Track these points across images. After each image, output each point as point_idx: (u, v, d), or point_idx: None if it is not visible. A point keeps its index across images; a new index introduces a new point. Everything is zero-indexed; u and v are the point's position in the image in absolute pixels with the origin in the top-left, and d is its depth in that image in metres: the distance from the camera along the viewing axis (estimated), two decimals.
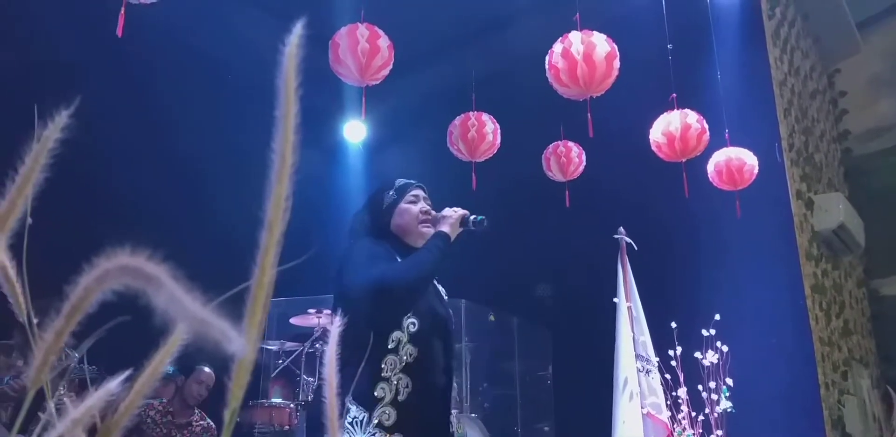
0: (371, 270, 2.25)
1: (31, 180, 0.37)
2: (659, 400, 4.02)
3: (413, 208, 2.53)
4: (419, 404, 2.24)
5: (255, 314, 0.37)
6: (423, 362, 2.29)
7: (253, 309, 0.37)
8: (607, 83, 3.72)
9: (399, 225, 2.52)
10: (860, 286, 8.04)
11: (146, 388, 0.43)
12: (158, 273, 0.35)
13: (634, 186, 5.83)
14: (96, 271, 0.35)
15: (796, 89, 7.03)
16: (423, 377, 2.28)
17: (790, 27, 7.17)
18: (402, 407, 2.20)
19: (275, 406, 5.25)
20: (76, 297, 0.36)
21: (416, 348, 2.28)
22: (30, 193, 0.38)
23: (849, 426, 5.95)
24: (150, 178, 5.45)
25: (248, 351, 0.35)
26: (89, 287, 0.35)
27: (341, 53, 3.88)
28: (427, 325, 2.34)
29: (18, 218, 0.40)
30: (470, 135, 4.96)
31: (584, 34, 3.73)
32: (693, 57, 5.67)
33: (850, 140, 8.73)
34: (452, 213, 2.50)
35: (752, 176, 5.04)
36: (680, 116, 4.68)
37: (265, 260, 0.36)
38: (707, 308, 4.23)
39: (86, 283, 0.36)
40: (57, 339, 0.38)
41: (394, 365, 2.25)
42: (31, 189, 0.38)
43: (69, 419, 0.40)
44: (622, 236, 4.25)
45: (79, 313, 0.37)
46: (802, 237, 6.09)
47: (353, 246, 2.45)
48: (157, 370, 0.44)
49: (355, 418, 2.17)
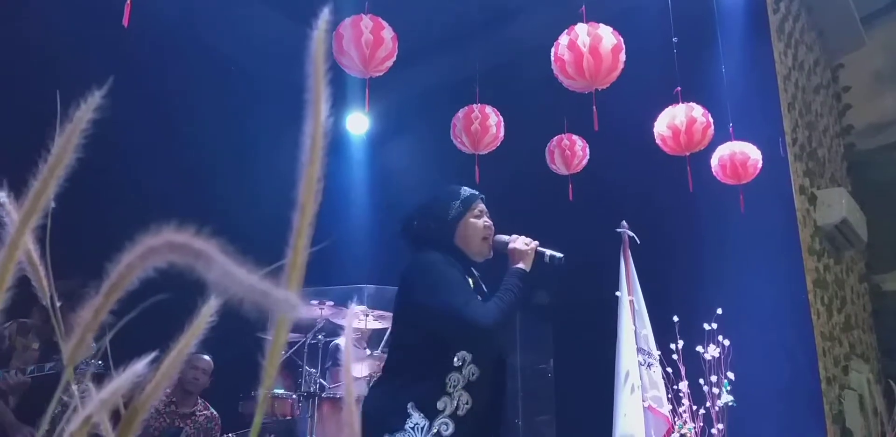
0: (462, 305, 2.31)
1: (64, 161, 0.37)
2: (660, 394, 4.03)
3: (479, 223, 2.56)
4: (476, 419, 2.35)
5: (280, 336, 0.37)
6: (484, 382, 2.39)
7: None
8: (613, 76, 3.71)
9: (464, 238, 2.55)
10: (862, 281, 8.04)
11: (172, 370, 0.43)
12: (207, 248, 0.35)
13: (637, 179, 5.83)
14: (139, 248, 0.35)
15: (800, 84, 7.02)
16: (482, 396, 2.39)
17: (794, 21, 7.15)
18: (460, 421, 2.31)
19: (277, 397, 5.25)
20: (117, 274, 0.36)
21: (478, 369, 2.38)
22: (61, 175, 0.38)
23: (849, 421, 5.96)
24: (158, 164, 5.45)
25: (295, 310, 0.35)
26: (131, 264, 0.36)
27: (345, 45, 3.87)
28: (489, 346, 2.45)
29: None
30: (473, 127, 4.95)
31: (590, 26, 3.72)
32: (697, 50, 5.66)
33: (853, 135, 8.71)
34: (525, 246, 2.54)
35: (755, 170, 5.03)
36: (686, 109, 4.67)
37: (298, 241, 0.36)
38: (709, 302, 4.23)
39: (128, 260, 0.36)
40: (95, 317, 0.38)
41: (457, 382, 2.35)
42: (62, 170, 0.38)
43: (97, 399, 0.40)
44: (625, 230, 4.25)
45: (118, 291, 0.37)
46: (805, 232, 6.08)
47: (425, 260, 2.48)
48: (183, 352, 0.44)
49: (417, 424, 2.27)
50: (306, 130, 0.38)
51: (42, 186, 0.37)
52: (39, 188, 0.37)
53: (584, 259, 6.05)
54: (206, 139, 5.88)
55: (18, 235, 0.37)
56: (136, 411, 0.42)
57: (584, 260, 6.06)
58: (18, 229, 0.37)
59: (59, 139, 0.37)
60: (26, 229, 0.37)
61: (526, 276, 2.49)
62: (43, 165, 0.37)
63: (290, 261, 0.37)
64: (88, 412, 0.40)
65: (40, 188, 0.37)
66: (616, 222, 4.29)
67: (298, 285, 0.37)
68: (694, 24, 5.53)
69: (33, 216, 0.37)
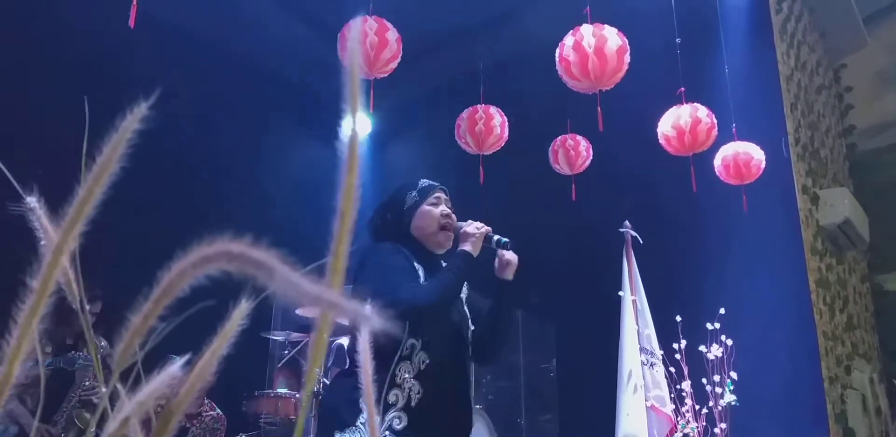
0: (394, 285, 2.26)
1: (109, 170, 0.38)
2: (663, 393, 4.04)
3: (434, 211, 2.52)
4: (430, 409, 2.27)
5: (322, 332, 0.38)
6: (436, 369, 2.31)
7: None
8: (618, 77, 3.72)
9: (419, 227, 2.51)
10: (864, 281, 8.04)
11: (206, 372, 0.45)
12: (268, 259, 0.36)
13: (640, 179, 5.84)
14: (192, 257, 0.36)
15: (803, 84, 7.02)
16: (435, 384, 2.31)
17: (797, 22, 7.16)
18: (413, 412, 2.24)
19: (281, 396, 5.27)
20: (168, 281, 0.37)
21: (428, 356, 2.31)
22: (106, 183, 0.39)
23: (851, 421, 5.97)
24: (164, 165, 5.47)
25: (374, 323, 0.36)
26: (183, 272, 0.37)
27: (350, 46, 3.88)
28: (441, 332, 2.38)
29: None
30: (478, 128, 4.96)
31: (595, 27, 3.73)
32: (700, 51, 5.66)
33: (856, 135, 8.72)
34: (475, 230, 2.48)
35: (759, 171, 5.04)
36: (690, 109, 4.68)
37: (339, 247, 0.37)
38: (712, 302, 4.24)
39: (180, 268, 0.37)
40: (144, 322, 0.39)
41: (406, 372, 2.28)
42: (107, 179, 0.39)
43: (134, 401, 0.41)
44: (627, 230, 4.26)
45: (168, 298, 0.38)
46: (807, 232, 6.09)
47: (369, 249, 2.46)
48: (216, 354, 0.45)
49: (368, 419, 2.19)
50: (343, 137, 0.39)
51: (87, 194, 0.38)
52: (85, 196, 0.38)
53: (587, 259, 6.09)
54: (215, 140, 5.89)
55: (63, 240, 0.38)
56: (171, 413, 0.44)
57: (587, 260, 6.11)
58: (64, 235, 0.38)
59: (106, 148, 0.38)
60: (71, 235, 0.38)
61: (470, 258, 2.42)
62: (88, 173, 0.38)
63: (332, 266, 0.38)
64: (126, 413, 0.41)
65: (86, 196, 0.38)
66: (619, 222, 4.30)
67: (339, 290, 0.38)
68: (697, 25, 5.54)
69: (78, 223, 0.38)
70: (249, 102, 6.36)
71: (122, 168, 0.42)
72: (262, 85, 6.48)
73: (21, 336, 0.37)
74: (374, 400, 0.63)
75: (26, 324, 0.37)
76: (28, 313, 0.37)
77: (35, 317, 0.37)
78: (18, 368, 0.37)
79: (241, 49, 6.14)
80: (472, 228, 2.49)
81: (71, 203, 0.37)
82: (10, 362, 0.37)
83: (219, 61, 5.92)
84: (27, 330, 0.37)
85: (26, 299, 0.37)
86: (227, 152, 6.08)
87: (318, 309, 1.81)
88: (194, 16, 5.41)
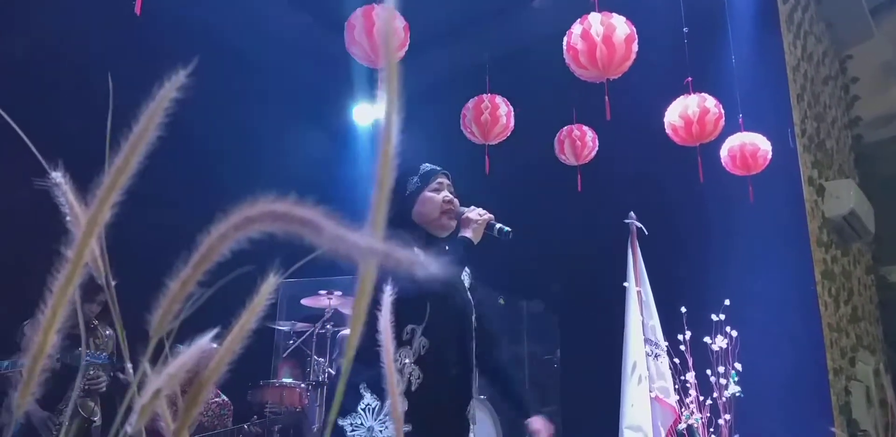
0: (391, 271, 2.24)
1: (146, 139, 0.38)
2: (667, 384, 4.05)
3: (436, 197, 2.48)
4: (430, 395, 2.26)
5: (365, 284, 0.38)
6: (436, 354, 2.29)
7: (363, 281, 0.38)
8: (625, 66, 3.70)
9: (421, 213, 2.48)
10: (868, 273, 8.04)
11: (235, 346, 0.44)
12: (314, 216, 0.35)
13: (646, 170, 5.82)
14: (235, 218, 0.36)
15: (809, 75, 7.00)
16: (435, 369, 2.29)
17: (803, 12, 7.13)
18: (413, 398, 2.22)
19: (286, 386, 5.28)
20: (207, 245, 0.37)
21: (429, 340, 2.29)
22: (143, 151, 0.38)
23: (855, 412, 5.97)
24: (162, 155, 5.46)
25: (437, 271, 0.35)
26: (225, 235, 0.36)
27: (356, 35, 3.87)
28: (441, 317, 2.34)
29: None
30: (483, 118, 4.95)
31: (603, 16, 3.71)
32: (707, 41, 5.64)
33: (861, 126, 8.69)
34: (477, 217, 2.45)
35: (765, 161, 5.03)
36: (698, 100, 4.66)
37: (377, 216, 0.37)
38: (717, 293, 4.24)
39: (221, 230, 0.36)
40: (182, 288, 0.38)
41: (406, 357, 2.26)
42: (144, 147, 0.38)
43: (164, 373, 0.41)
44: (633, 221, 4.26)
45: (208, 262, 0.38)
46: (813, 223, 6.08)
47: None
48: (245, 328, 0.45)
49: (368, 405, 2.20)
50: (382, 110, 0.39)
51: (124, 163, 0.37)
52: (121, 166, 0.37)
53: (592, 250, 6.09)
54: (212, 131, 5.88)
55: (98, 211, 0.37)
56: (201, 386, 0.43)
57: (592, 251, 6.10)
58: (98, 206, 0.37)
59: (143, 117, 0.38)
60: (106, 206, 0.38)
61: (470, 245, 2.41)
62: (124, 143, 0.38)
63: (373, 217, 0.37)
64: (157, 385, 0.41)
65: (121, 166, 0.37)
66: (624, 213, 4.30)
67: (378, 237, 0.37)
68: (704, 15, 5.51)
69: (112, 193, 0.38)
70: (253, 95, 6.35)
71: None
72: (265, 76, 6.47)
73: (56, 305, 0.36)
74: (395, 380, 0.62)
75: (61, 293, 0.36)
76: (63, 283, 0.36)
77: (70, 286, 0.37)
78: (55, 337, 0.37)
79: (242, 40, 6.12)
80: (474, 214, 2.46)
81: (94, 178, 0.36)
82: (45, 330, 0.36)
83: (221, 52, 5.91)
84: (62, 299, 0.36)
85: (61, 268, 0.37)
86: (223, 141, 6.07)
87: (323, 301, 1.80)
88: (196, 6, 5.39)
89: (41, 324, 0.36)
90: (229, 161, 6.10)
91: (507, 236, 2.49)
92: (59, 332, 0.37)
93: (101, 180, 0.38)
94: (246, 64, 6.24)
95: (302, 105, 6.79)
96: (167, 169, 5.43)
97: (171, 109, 0.39)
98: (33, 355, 0.36)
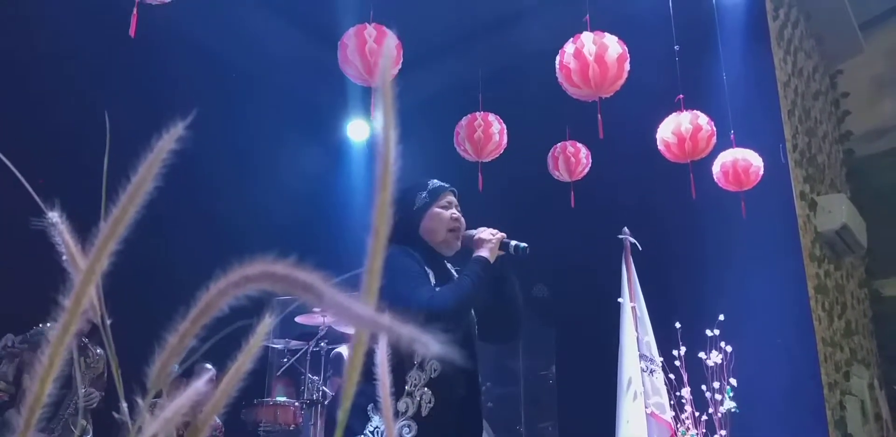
0: (410, 291, 2.20)
1: (143, 190, 0.38)
2: (663, 400, 4.04)
3: (445, 214, 2.46)
4: (441, 418, 2.24)
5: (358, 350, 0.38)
6: (447, 377, 2.27)
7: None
8: (618, 85, 3.73)
9: (429, 230, 2.45)
10: (862, 287, 8.05)
11: (231, 387, 0.44)
12: (315, 281, 0.35)
13: (638, 186, 5.84)
14: (234, 276, 0.36)
15: (800, 90, 7.05)
16: (447, 392, 2.27)
17: (793, 28, 7.19)
18: (423, 421, 2.20)
19: (280, 405, 5.25)
20: (206, 301, 0.37)
21: (440, 364, 2.26)
22: (140, 202, 0.39)
23: (851, 427, 5.97)
24: None
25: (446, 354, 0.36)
26: (223, 291, 0.36)
27: (349, 54, 3.89)
28: (452, 339, 2.30)
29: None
30: (476, 135, 4.97)
31: (595, 35, 3.74)
32: (698, 58, 5.68)
33: (852, 141, 8.74)
34: (490, 236, 2.43)
35: (757, 177, 5.06)
36: (691, 117, 4.69)
37: (374, 263, 0.37)
38: (711, 309, 4.24)
39: (220, 287, 0.37)
40: (181, 341, 0.39)
41: (418, 380, 2.24)
42: (141, 198, 0.39)
43: (161, 418, 0.41)
44: (626, 236, 4.27)
45: (205, 318, 0.38)
46: (806, 238, 6.10)
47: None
48: (241, 370, 0.45)
49: (377, 427, 2.18)
50: (377, 155, 0.39)
51: (121, 213, 0.38)
52: (119, 215, 0.38)
53: (586, 266, 6.09)
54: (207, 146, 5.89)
55: (97, 258, 0.38)
56: (197, 429, 0.44)
57: (586, 266, 6.11)
58: (97, 253, 0.38)
59: (141, 168, 0.38)
60: (105, 253, 0.38)
61: (488, 264, 2.35)
62: (123, 193, 0.38)
63: (367, 285, 0.38)
64: (154, 430, 0.41)
65: (119, 215, 0.38)
66: (618, 229, 4.31)
67: (373, 307, 0.38)
68: (695, 32, 5.55)
69: (111, 241, 0.38)
70: (249, 111, 6.36)
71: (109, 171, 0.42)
72: (259, 92, 6.49)
73: (53, 355, 0.37)
74: (391, 413, 0.62)
75: (58, 342, 0.37)
76: (61, 332, 0.37)
77: (68, 336, 0.37)
78: (50, 386, 0.37)
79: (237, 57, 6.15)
80: (486, 234, 2.44)
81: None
82: (42, 380, 0.37)
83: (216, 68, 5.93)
84: (59, 348, 0.37)
85: (59, 317, 0.37)
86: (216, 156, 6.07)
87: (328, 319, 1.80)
88: (190, 22, 5.41)
89: (38, 373, 0.36)
90: (223, 176, 6.10)
91: (525, 252, 2.45)
92: (56, 381, 0.38)
93: (99, 229, 0.38)
94: (241, 80, 6.26)
95: (297, 120, 6.81)
96: (158, 185, 5.45)
97: (168, 160, 0.39)
98: (30, 405, 0.36)
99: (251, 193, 6.33)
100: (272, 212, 6.34)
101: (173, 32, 5.16)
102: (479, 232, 2.47)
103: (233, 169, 6.26)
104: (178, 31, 5.25)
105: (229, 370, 0.45)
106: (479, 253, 2.39)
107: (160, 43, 4.91)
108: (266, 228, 6.00)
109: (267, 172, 6.51)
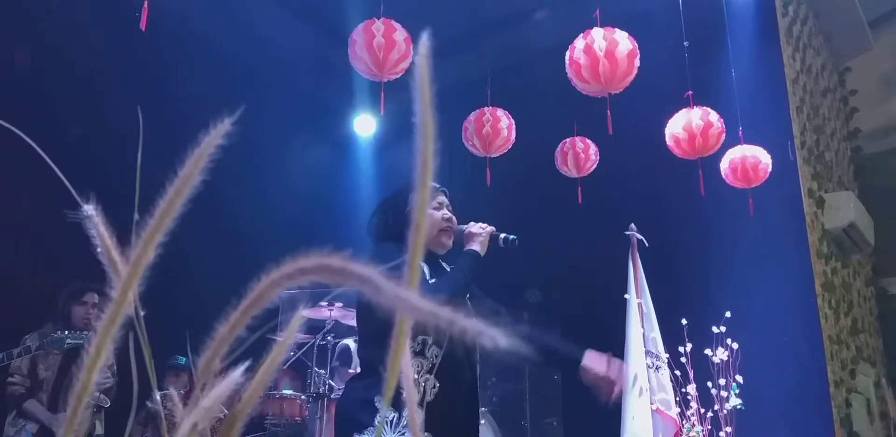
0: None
1: (190, 183, 0.39)
2: (668, 396, 4.04)
3: (436, 214, 2.53)
4: (446, 403, 2.29)
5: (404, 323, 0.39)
6: (449, 363, 2.33)
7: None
8: (627, 81, 3.73)
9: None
10: (868, 285, 8.04)
11: (267, 378, 0.45)
12: (372, 274, 0.36)
13: (646, 182, 5.84)
14: (288, 268, 0.37)
15: (808, 87, 7.03)
16: (449, 378, 2.33)
17: (802, 25, 7.17)
18: (429, 408, 2.25)
19: (286, 398, 5.27)
20: (258, 291, 0.38)
21: (440, 350, 2.32)
22: (186, 196, 0.39)
23: (856, 424, 5.97)
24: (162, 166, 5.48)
25: (508, 342, 0.36)
26: (276, 282, 0.37)
27: (358, 50, 3.90)
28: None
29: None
30: (485, 130, 4.97)
31: (606, 31, 3.73)
32: (707, 54, 5.67)
33: (861, 138, 8.72)
34: (480, 230, 2.52)
35: (766, 174, 5.05)
36: (702, 113, 4.68)
37: (414, 259, 0.38)
38: (718, 305, 4.23)
39: (273, 278, 0.37)
40: (231, 332, 0.39)
41: (420, 367, 2.30)
42: (188, 192, 0.39)
43: (200, 407, 0.42)
44: (633, 233, 4.26)
45: (256, 308, 0.39)
46: (813, 236, 6.09)
47: (377, 251, 2.47)
48: (276, 361, 0.46)
49: (386, 418, 2.22)
50: (417, 155, 0.40)
51: (168, 206, 0.39)
52: (165, 209, 0.39)
53: (592, 262, 6.09)
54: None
55: (144, 251, 0.38)
56: (234, 418, 0.44)
57: (592, 262, 6.10)
58: (144, 246, 0.38)
59: (188, 161, 0.39)
60: (152, 245, 0.39)
61: (478, 257, 2.46)
62: (169, 187, 0.39)
63: (409, 279, 0.38)
64: (194, 419, 0.41)
65: (166, 208, 0.39)
66: (625, 225, 4.30)
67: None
68: (704, 29, 5.54)
69: (157, 234, 0.39)
70: (255, 106, 6.36)
71: (115, 167, 0.42)
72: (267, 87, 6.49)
73: (100, 345, 0.37)
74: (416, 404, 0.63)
75: (105, 332, 0.37)
76: (107, 323, 0.37)
77: (114, 326, 0.38)
78: (97, 375, 0.38)
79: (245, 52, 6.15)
80: (476, 228, 2.53)
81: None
82: (89, 369, 0.37)
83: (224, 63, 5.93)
84: (106, 338, 0.37)
85: (106, 309, 0.38)
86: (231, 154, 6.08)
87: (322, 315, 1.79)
88: (200, 17, 5.41)
89: (85, 362, 0.37)
90: (230, 170, 6.09)
91: (514, 243, 2.56)
92: (102, 370, 0.38)
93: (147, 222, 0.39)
94: (248, 75, 6.26)
95: (304, 116, 6.81)
96: (166, 178, 5.47)
97: (215, 155, 0.40)
98: (77, 393, 0.37)
99: (258, 187, 6.33)
100: (279, 206, 6.35)
101: (182, 28, 5.16)
102: (469, 227, 2.55)
103: (239, 163, 6.26)
104: (187, 26, 5.26)
105: (263, 362, 0.45)
106: (470, 246, 2.49)
107: (169, 38, 4.91)
108: (272, 222, 6.01)
109: (274, 166, 6.52)
